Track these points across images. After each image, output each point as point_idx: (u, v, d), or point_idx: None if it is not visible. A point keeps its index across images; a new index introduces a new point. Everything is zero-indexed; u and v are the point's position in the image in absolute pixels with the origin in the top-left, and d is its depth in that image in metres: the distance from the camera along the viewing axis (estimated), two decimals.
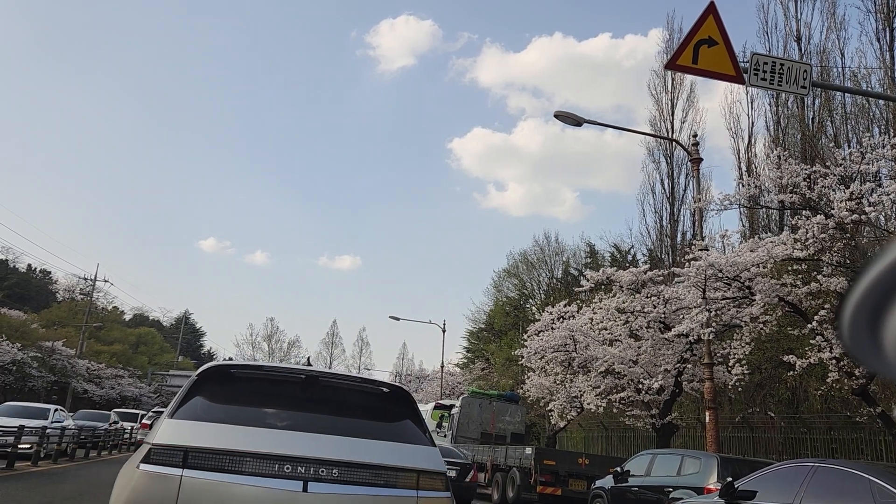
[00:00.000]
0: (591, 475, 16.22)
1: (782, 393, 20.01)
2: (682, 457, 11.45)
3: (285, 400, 4.58)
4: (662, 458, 12.07)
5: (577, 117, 15.52)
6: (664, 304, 16.82)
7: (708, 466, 10.54)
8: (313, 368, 6.01)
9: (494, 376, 42.84)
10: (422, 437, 4.52)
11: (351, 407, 4.67)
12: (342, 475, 3.92)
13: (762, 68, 8.49)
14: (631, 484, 12.23)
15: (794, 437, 18.78)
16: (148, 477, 3.80)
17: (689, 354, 17.42)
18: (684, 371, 17.81)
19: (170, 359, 73.04)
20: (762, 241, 12.15)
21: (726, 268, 11.68)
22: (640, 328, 18.51)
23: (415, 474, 4.10)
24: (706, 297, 12.70)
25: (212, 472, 3.80)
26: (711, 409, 14.41)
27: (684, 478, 10.93)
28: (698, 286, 12.72)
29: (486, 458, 19.26)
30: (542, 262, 45.68)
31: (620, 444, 27.37)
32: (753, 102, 27.62)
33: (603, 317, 18.45)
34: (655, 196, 32.75)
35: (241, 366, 5.18)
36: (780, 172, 12.47)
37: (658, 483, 11.48)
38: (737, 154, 27.45)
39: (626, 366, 18.09)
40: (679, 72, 8.35)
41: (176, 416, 4.20)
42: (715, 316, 13.12)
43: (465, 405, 23.72)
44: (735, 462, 10.81)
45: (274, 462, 3.86)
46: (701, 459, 10.89)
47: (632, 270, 18.12)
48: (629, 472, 12.52)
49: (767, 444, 19.63)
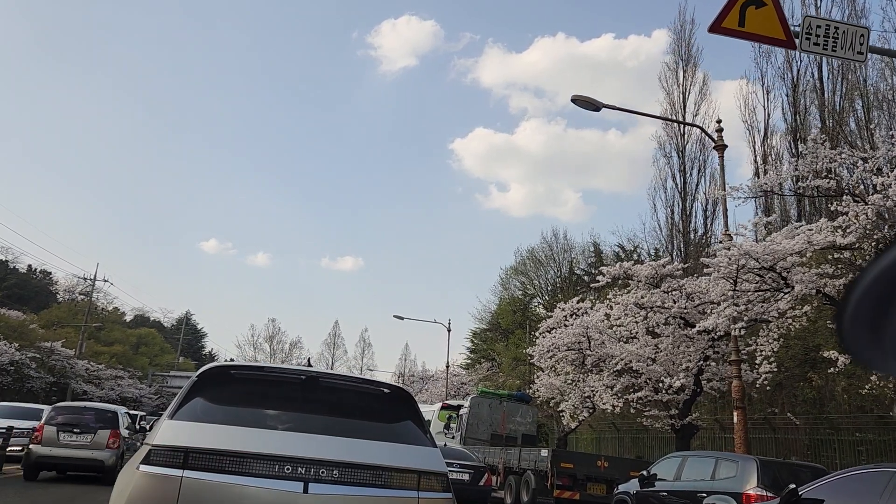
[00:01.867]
0: (610, 478, 15.45)
1: (807, 392, 19.17)
2: (717, 459, 10.63)
3: (286, 401, 4.55)
4: (694, 460, 11.26)
5: (595, 101, 14.75)
6: (686, 299, 16.01)
7: (746, 470, 9.73)
8: (313, 369, 5.80)
9: (501, 376, 42.05)
10: (423, 437, 4.50)
11: (351, 408, 4.68)
12: (343, 476, 3.92)
13: (815, 32, 7.70)
14: (658, 488, 11.43)
15: (820, 438, 17.96)
16: (148, 478, 3.79)
17: (711, 352, 16.62)
18: (707, 369, 17.01)
19: (170, 360, 72.45)
20: (799, 229, 11.34)
21: (763, 256, 10.85)
22: (658, 324, 17.73)
23: (416, 475, 4.09)
24: (737, 289, 11.88)
25: (212, 473, 3.79)
26: (740, 409, 13.63)
27: (719, 482, 10.13)
28: (729, 277, 11.90)
29: (498, 460, 18.46)
30: (550, 259, 44.89)
31: (633, 446, 26.54)
32: (769, 94, 26.80)
33: (621, 312, 17.61)
34: (667, 191, 31.97)
35: (241, 366, 5.09)
36: (815, 157, 11.66)
37: (689, 488, 10.68)
38: (752, 147, 26.64)
39: (645, 364, 17.27)
40: (723, 35, 7.52)
41: (176, 417, 4.18)
42: (745, 310, 12.30)
43: (475, 405, 22.90)
44: (775, 465, 10.01)
45: (274, 463, 3.85)
46: (738, 462, 10.08)
47: (651, 263, 17.31)
48: (656, 475, 11.73)
49: (791, 446, 18.81)
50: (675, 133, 31.91)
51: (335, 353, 74.73)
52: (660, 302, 16.54)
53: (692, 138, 31.64)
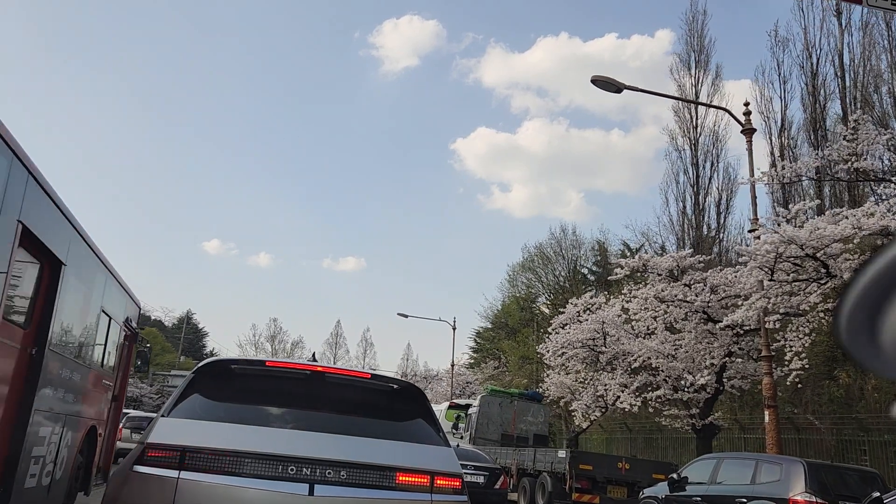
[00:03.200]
0: (631, 481, 14.66)
1: (834, 391, 18.34)
2: (757, 462, 9.81)
3: (289, 397, 4.29)
4: (731, 463, 10.44)
5: (616, 82, 13.96)
6: (710, 293, 15.21)
7: (792, 474, 8.92)
8: (319, 364, 5.02)
9: (508, 375, 41.27)
10: (435, 436, 4.25)
11: (359, 405, 4.43)
12: (351, 477, 3.68)
13: None
14: (691, 493, 10.61)
15: (849, 438, 17.13)
16: (142, 479, 3.54)
17: (736, 348, 15.83)
18: (730, 366, 16.21)
19: (171, 359, 71.92)
20: (838, 214, 10.54)
21: (808, 243, 10.06)
22: (677, 320, 16.96)
23: (429, 476, 3.84)
24: (774, 279, 11.08)
25: (211, 475, 3.53)
26: (772, 408, 12.82)
27: (761, 487, 9.32)
28: (766, 266, 11.09)
29: (511, 461, 17.67)
30: (559, 256, 44.11)
31: (647, 447, 25.72)
32: (786, 83, 25.97)
33: (639, 307, 16.81)
34: (679, 186, 31.14)
35: (242, 361, 4.82)
36: (856, 139, 10.86)
37: (726, 492, 9.87)
38: (769, 138, 25.78)
39: (666, 360, 16.48)
40: None
41: (172, 415, 3.93)
42: (781, 301, 11.50)
43: (484, 404, 22.09)
44: (824, 469, 9.19)
45: (278, 463, 3.61)
46: (782, 465, 9.27)
47: (672, 255, 16.53)
48: (687, 479, 10.93)
49: (816, 447, 17.98)
50: (688, 126, 31.11)
51: (337, 353, 74.38)
52: (681, 295, 15.74)
53: (705, 131, 30.88)
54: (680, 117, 31.35)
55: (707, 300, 15.36)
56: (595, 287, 36.77)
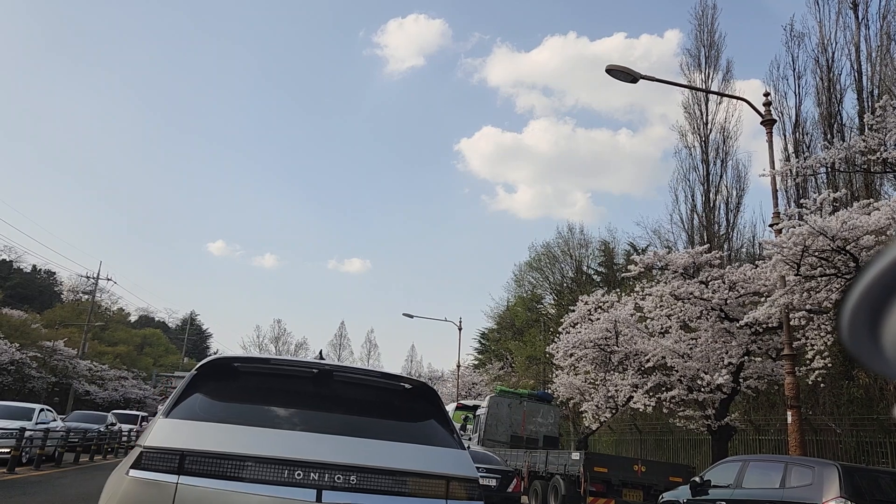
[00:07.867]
0: (647, 484, 14.22)
1: (853, 391, 17.84)
2: (786, 464, 9.34)
3: (295, 397, 4.07)
4: (757, 465, 9.98)
5: (632, 72, 13.54)
6: (728, 289, 14.73)
7: (825, 478, 8.47)
8: (326, 362, 5.15)
9: (514, 376, 40.80)
10: (449, 438, 4.04)
11: (369, 405, 4.21)
12: (361, 482, 3.47)
13: None
14: (714, 497, 10.17)
15: (869, 440, 16.63)
16: (138, 484, 3.33)
17: (755, 347, 15.34)
18: (748, 366, 15.72)
19: (175, 360, 71.72)
20: (872, 204, 10.09)
21: (839, 234, 9.60)
22: (692, 318, 16.48)
23: (443, 481, 3.63)
24: (800, 273, 10.62)
25: (212, 479, 3.33)
26: (795, 409, 12.36)
27: (791, 491, 8.87)
28: (791, 260, 10.62)
29: (522, 463, 17.21)
30: (566, 255, 43.62)
31: (658, 448, 25.21)
32: (801, 79, 25.45)
33: (654, 304, 16.33)
34: (689, 183, 30.66)
35: (245, 359, 4.48)
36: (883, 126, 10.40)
37: (754, 497, 9.43)
38: (783, 134, 25.25)
39: (682, 360, 15.99)
40: None
41: (171, 416, 3.70)
42: (807, 297, 11.03)
43: (493, 405, 21.64)
44: (858, 472, 8.73)
45: (283, 467, 3.40)
46: (814, 469, 8.81)
47: (688, 251, 16.05)
48: (710, 482, 10.48)
49: (835, 449, 17.48)
50: (698, 123, 30.64)
51: (341, 354, 74.15)
52: (698, 292, 15.27)
53: (715, 127, 30.43)
54: (690, 114, 30.88)
55: (725, 297, 14.88)
56: (602, 287, 36.32)
